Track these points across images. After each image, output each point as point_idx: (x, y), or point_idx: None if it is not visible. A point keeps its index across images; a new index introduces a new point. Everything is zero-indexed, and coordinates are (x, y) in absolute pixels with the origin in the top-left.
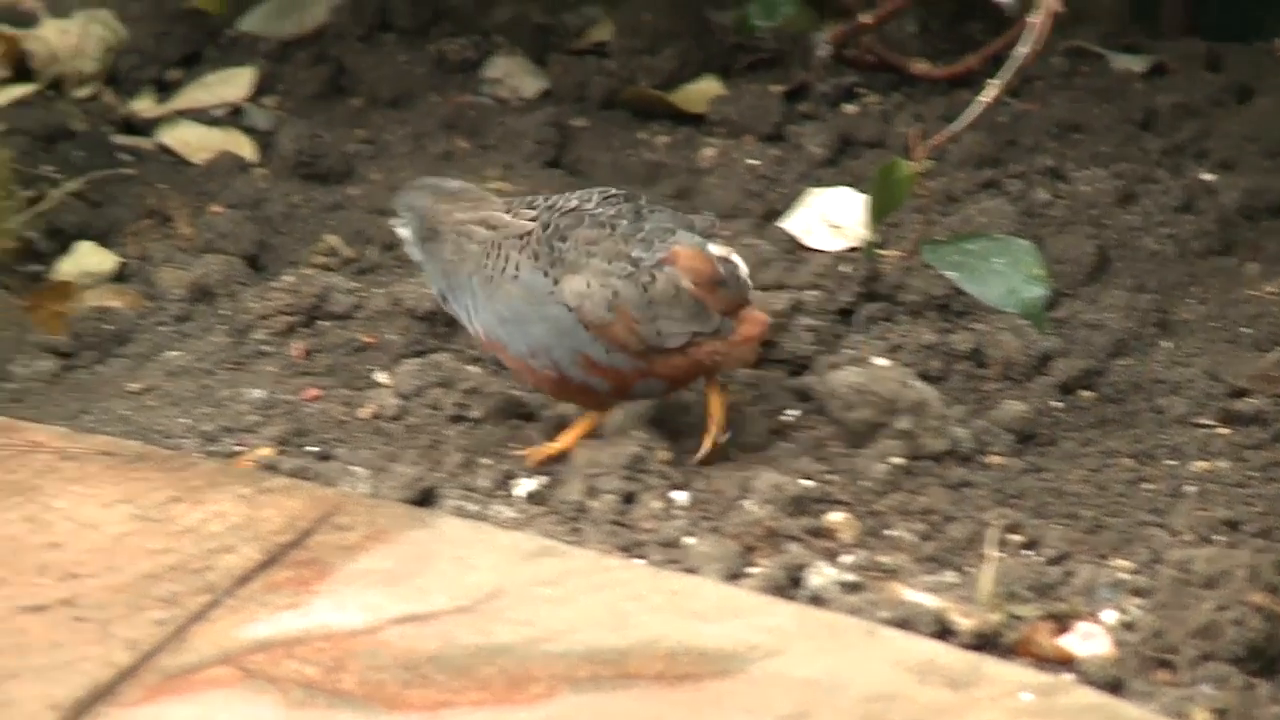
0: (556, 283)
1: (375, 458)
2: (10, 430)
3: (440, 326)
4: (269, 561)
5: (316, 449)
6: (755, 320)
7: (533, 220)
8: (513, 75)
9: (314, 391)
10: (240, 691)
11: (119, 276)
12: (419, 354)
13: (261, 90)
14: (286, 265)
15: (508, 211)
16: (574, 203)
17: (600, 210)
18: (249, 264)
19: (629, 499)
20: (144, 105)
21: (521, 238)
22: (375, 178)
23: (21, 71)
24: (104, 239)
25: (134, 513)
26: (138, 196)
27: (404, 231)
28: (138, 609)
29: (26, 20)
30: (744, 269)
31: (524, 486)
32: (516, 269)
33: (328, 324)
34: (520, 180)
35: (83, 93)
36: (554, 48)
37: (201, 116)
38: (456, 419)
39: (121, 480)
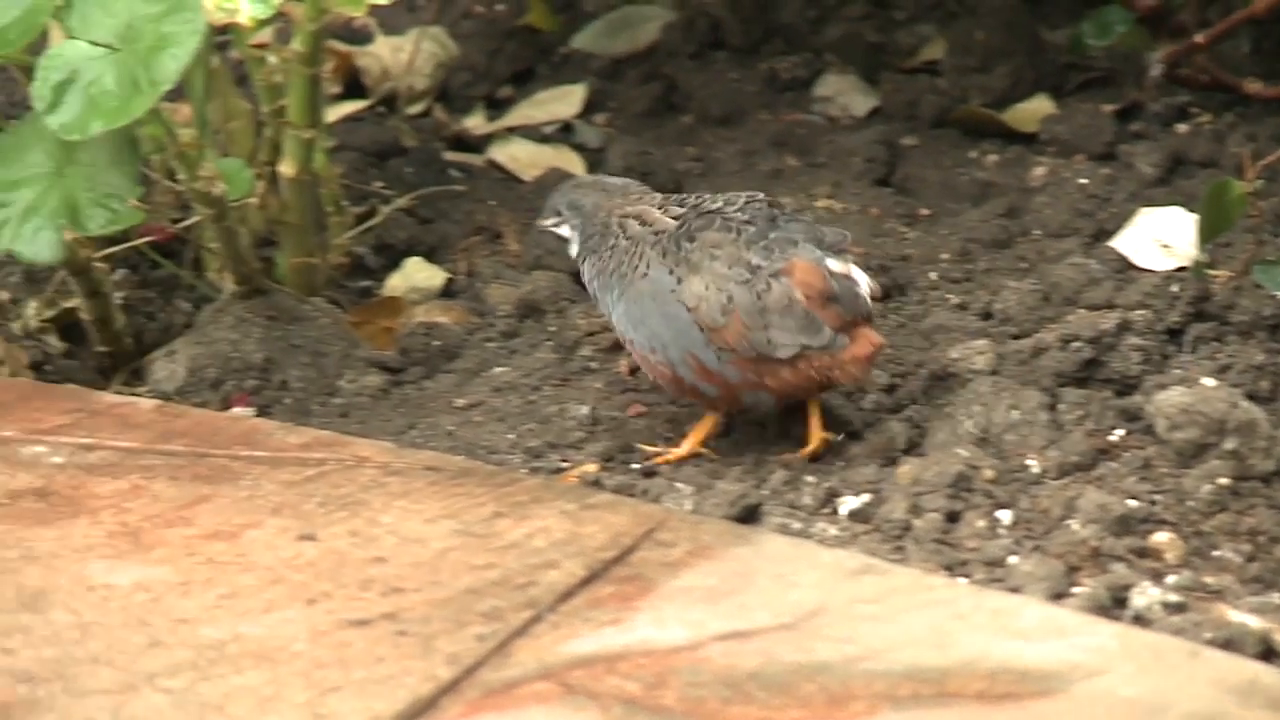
0: (680, 281)
1: (699, 474)
2: (337, 445)
3: None
4: (592, 577)
5: (640, 465)
6: (868, 339)
7: (677, 219)
8: (843, 93)
9: (638, 408)
10: (561, 707)
11: (447, 292)
12: None
13: (592, 107)
14: None
15: (659, 208)
16: (717, 204)
17: (736, 214)
18: (576, 281)
19: (953, 517)
20: (475, 122)
21: (658, 235)
22: None
23: (354, 88)
24: (433, 255)
25: (458, 528)
26: (467, 213)
27: (565, 230)
28: (460, 624)
29: (361, 38)
30: (865, 287)
31: (848, 504)
32: (648, 266)
33: None
34: (849, 198)
35: (414, 109)
36: (885, 66)
37: (532, 133)
38: (781, 436)
39: (446, 495)
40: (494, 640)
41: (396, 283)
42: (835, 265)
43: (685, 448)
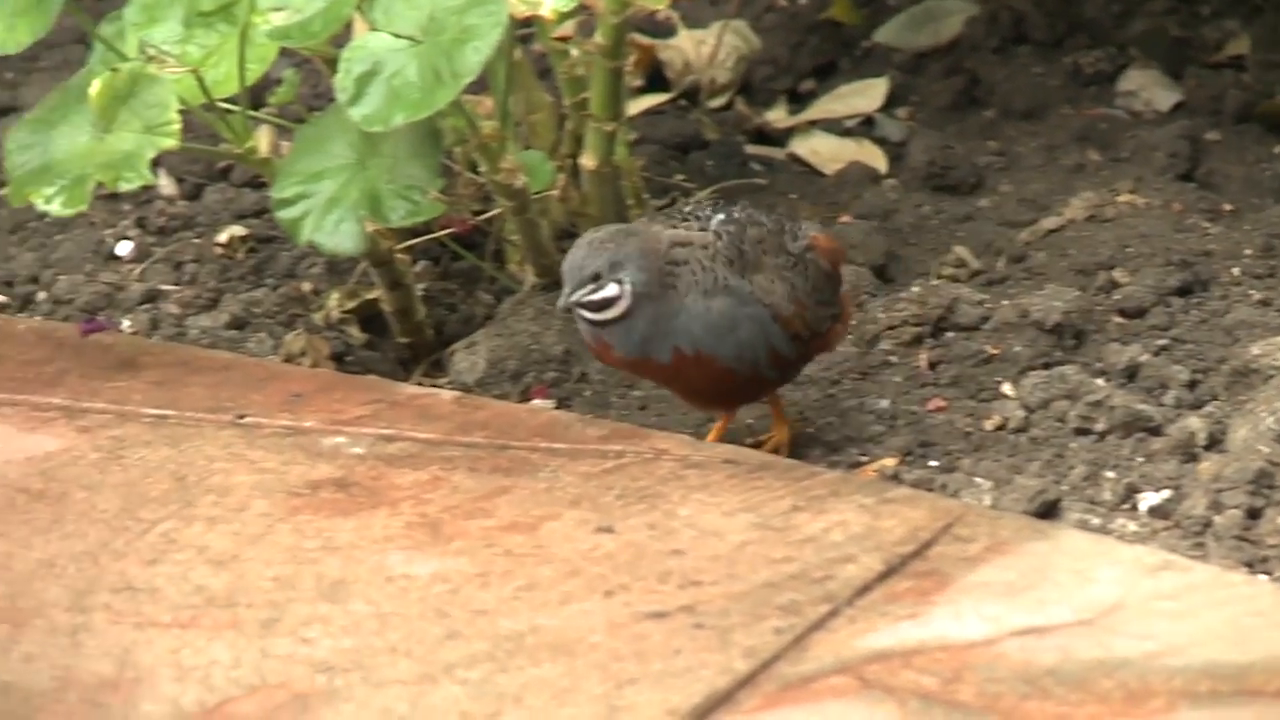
0: (751, 284)
1: (998, 469)
2: (636, 437)
3: (1068, 339)
4: (889, 572)
5: (939, 460)
6: (849, 300)
7: (701, 231)
8: (1147, 88)
9: (938, 402)
10: (857, 702)
11: None
12: (1045, 366)
13: (893, 101)
14: (915, 276)
15: (682, 227)
16: (706, 210)
17: (739, 213)
18: (877, 274)
19: (1254, 514)
20: (776, 115)
21: (707, 248)
22: (1005, 189)
23: (656, 81)
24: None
25: (755, 521)
26: (768, 206)
27: (626, 287)
28: (757, 617)
29: (664, 31)
30: None
31: (1147, 500)
32: (723, 279)
33: (954, 335)
34: (1151, 194)
35: (716, 103)
36: (1190, 60)
37: (833, 127)
38: (1081, 432)
39: (744, 489)
40: (791, 634)
41: None
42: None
43: (785, 432)
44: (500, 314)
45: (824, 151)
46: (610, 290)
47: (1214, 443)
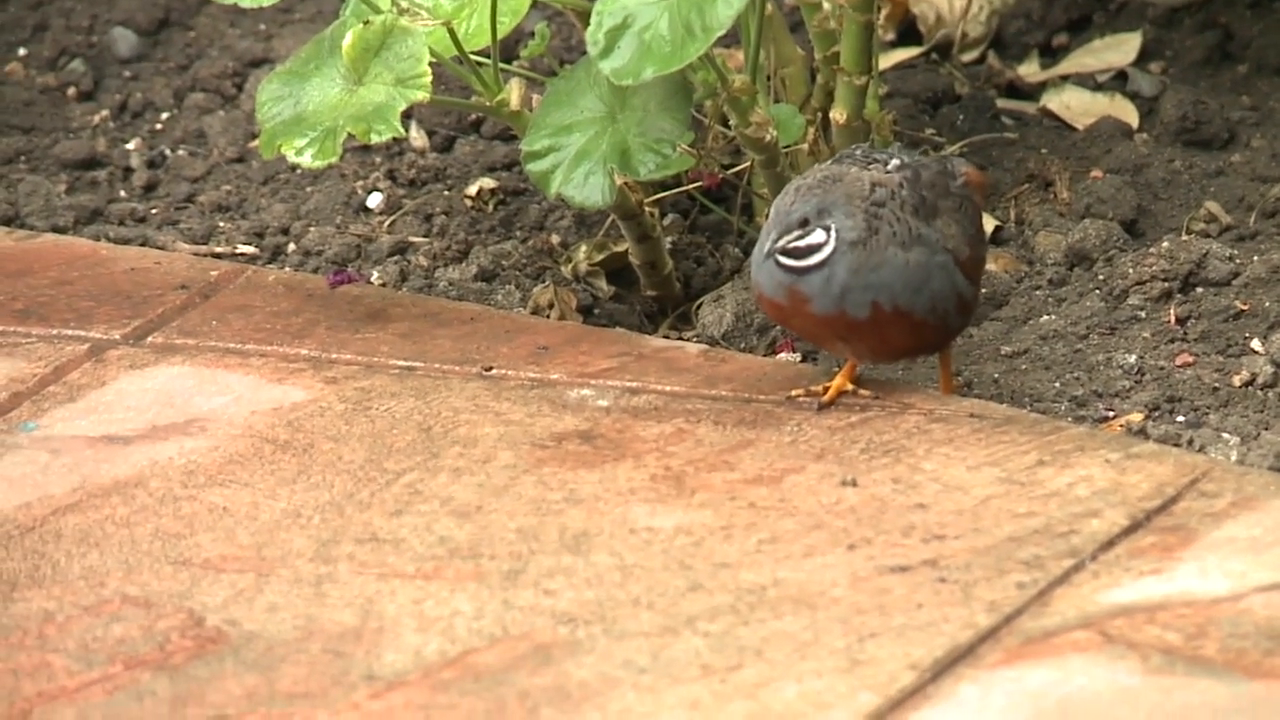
0: (938, 231)
1: (1246, 425)
2: (882, 391)
3: None
4: (1134, 527)
5: (1186, 415)
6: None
7: (889, 173)
8: None
9: (1186, 358)
10: (1099, 655)
11: (996, 240)
12: None
13: (1146, 56)
14: (1165, 231)
15: (864, 168)
16: (879, 154)
17: (907, 156)
18: (1126, 229)
19: None
20: (1028, 70)
21: (894, 196)
22: (1258, 144)
23: (908, 35)
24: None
25: (1000, 475)
26: (1018, 161)
27: (832, 235)
28: (1000, 571)
29: None
30: None
31: None
32: (915, 229)
33: (1203, 290)
34: None
35: (968, 57)
36: None
37: (1086, 82)
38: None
39: (989, 443)
40: (1034, 589)
41: None
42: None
43: (836, 384)
44: (748, 268)
45: (1075, 106)
46: (817, 236)
47: None
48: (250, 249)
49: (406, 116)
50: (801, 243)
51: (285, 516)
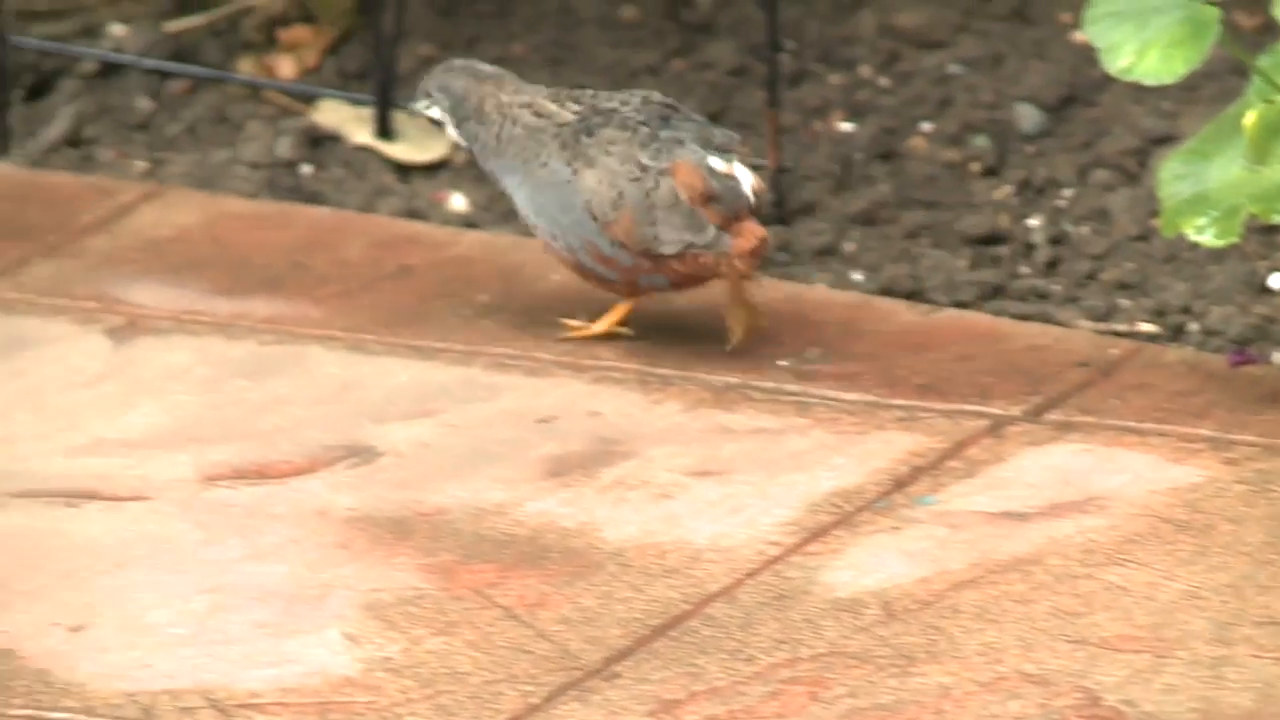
0: (575, 174)
1: None
2: None
3: None
4: None
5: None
6: (750, 234)
7: (575, 114)
8: None
9: None
10: None
11: None
12: None
13: None
14: None
15: (554, 101)
16: (614, 104)
17: (632, 115)
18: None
19: None
20: None
21: (560, 128)
22: None
23: None
24: None
25: None
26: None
27: (435, 112)
28: None
29: None
30: (748, 185)
31: None
32: (548, 157)
33: None
34: None
35: None
36: None
37: None
38: None
39: None
40: None
41: None
42: (719, 164)
43: (602, 325)
44: None
45: None
46: (435, 113)
47: None
48: (1151, 327)
49: None
50: (426, 113)
51: (1183, 597)
